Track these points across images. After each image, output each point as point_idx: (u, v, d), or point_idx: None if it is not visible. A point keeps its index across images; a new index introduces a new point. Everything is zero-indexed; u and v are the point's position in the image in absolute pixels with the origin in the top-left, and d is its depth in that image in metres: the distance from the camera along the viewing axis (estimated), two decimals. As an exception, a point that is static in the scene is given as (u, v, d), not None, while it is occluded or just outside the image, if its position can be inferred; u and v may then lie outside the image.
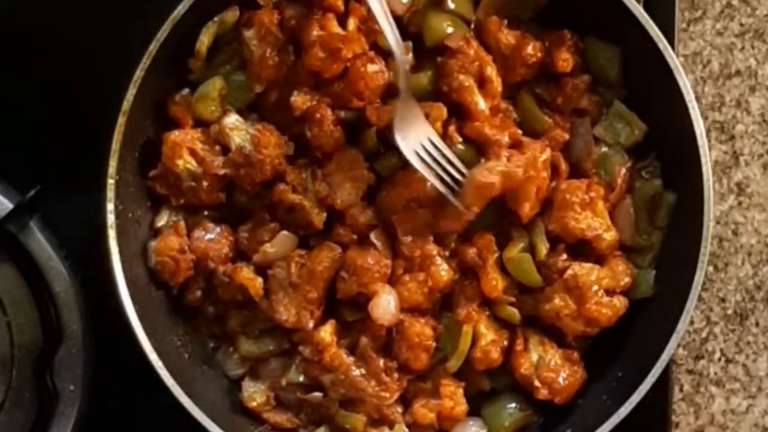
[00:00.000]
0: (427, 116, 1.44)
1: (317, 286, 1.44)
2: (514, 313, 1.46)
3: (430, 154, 1.43)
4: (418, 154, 1.42)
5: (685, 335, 1.55)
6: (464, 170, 1.44)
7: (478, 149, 1.45)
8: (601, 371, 1.47)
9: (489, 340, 1.44)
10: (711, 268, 1.61)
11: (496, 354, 1.44)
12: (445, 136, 1.45)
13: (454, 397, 1.45)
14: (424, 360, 1.45)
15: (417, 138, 1.43)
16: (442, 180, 1.43)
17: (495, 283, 1.44)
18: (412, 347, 1.44)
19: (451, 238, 1.46)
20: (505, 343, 1.46)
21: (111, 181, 1.39)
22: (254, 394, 1.49)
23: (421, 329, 1.44)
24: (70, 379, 1.49)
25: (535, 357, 1.46)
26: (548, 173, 1.45)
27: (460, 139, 1.45)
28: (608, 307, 1.44)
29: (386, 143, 1.45)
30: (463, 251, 1.45)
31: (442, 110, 1.44)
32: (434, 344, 1.45)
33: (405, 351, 1.45)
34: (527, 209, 1.44)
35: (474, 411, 1.47)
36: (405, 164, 1.44)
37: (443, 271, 1.44)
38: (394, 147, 1.43)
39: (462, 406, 1.45)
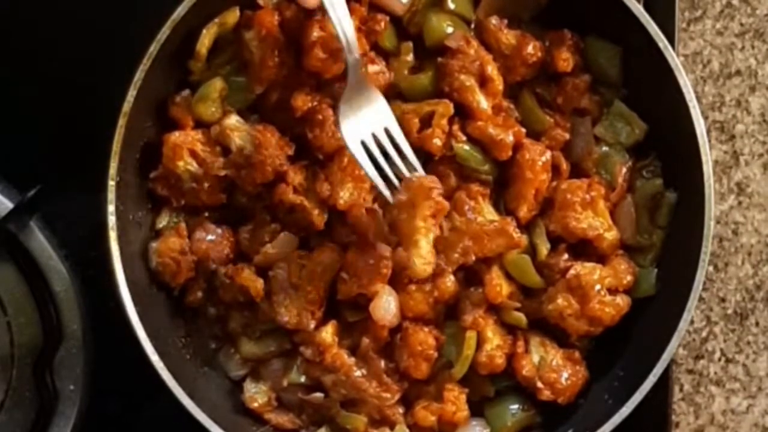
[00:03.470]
0: (432, 113, 1.44)
1: (318, 286, 1.44)
2: (521, 318, 1.46)
3: (379, 144, 1.43)
4: (364, 144, 1.42)
5: (685, 335, 1.55)
6: (417, 165, 1.44)
7: (484, 148, 1.45)
8: (602, 371, 1.47)
9: (494, 345, 1.44)
10: (711, 268, 1.61)
11: (500, 360, 1.44)
12: (449, 135, 1.45)
13: (456, 402, 1.44)
14: (425, 369, 1.45)
15: (368, 125, 1.42)
16: (383, 173, 1.43)
17: (499, 289, 1.44)
18: (414, 355, 1.44)
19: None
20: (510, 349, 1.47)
21: (112, 183, 1.39)
22: (256, 394, 1.49)
23: (424, 338, 1.44)
24: (70, 379, 1.49)
25: (536, 358, 1.46)
26: (548, 175, 1.45)
27: (464, 138, 1.45)
28: (611, 306, 1.44)
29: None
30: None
31: (448, 106, 1.44)
32: (436, 354, 1.45)
33: (406, 358, 1.45)
34: (525, 211, 1.45)
35: (476, 412, 1.48)
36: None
37: (449, 282, 1.44)
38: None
39: (464, 412, 1.45)
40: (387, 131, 1.43)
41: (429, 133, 1.43)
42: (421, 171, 1.44)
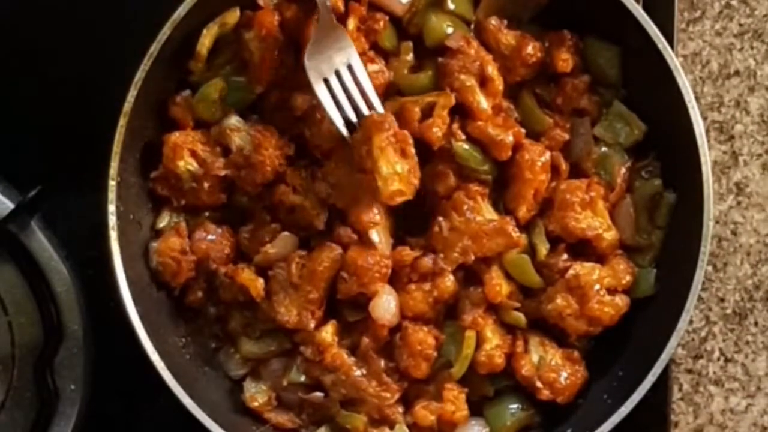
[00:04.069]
0: (433, 105, 1.44)
1: (318, 286, 1.44)
2: (520, 318, 1.46)
3: (342, 84, 1.43)
4: (327, 82, 1.43)
5: (684, 335, 1.55)
6: (377, 103, 1.44)
7: (483, 148, 1.46)
8: (601, 371, 1.47)
9: (494, 344, 1.45)
10: (710, 268, 1.61)
11: (499, 359, 1.45)
12: (449, 135, 1.45)
13: (456, 401, 1.45)
14: (425, 369, 1.45)
15: (332, 65, 1.43)
16: (345, 115, 1.44)
17: (499, 288, 1.44)
18: (414, 355, 1.44)
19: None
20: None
21: (112, 183, 1.40)
22: (256, 394, 1.49)
23: (424, 337, 1.44)
24: (70, 379, 1.49)
25: (535, 358, 1.46)
26: (547, 176, 1.45)
27: (464, 138, 1.46)
28: (610, 306, 1.44)
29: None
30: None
31: (450, 98, 1.44)
32: (435, 354, 1.45)
33: (406, 358, 1.45)
34: (524, 211, 1.45)
35: (476, 411, 1.48)
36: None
37: (449, 281, 1.45)
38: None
39: (463, 412, 1.45)
40: (351, 69, 1.44)
41: (429, 123, 1.43)
42: (380, 108, 1.44)
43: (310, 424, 1.49)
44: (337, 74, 1.43)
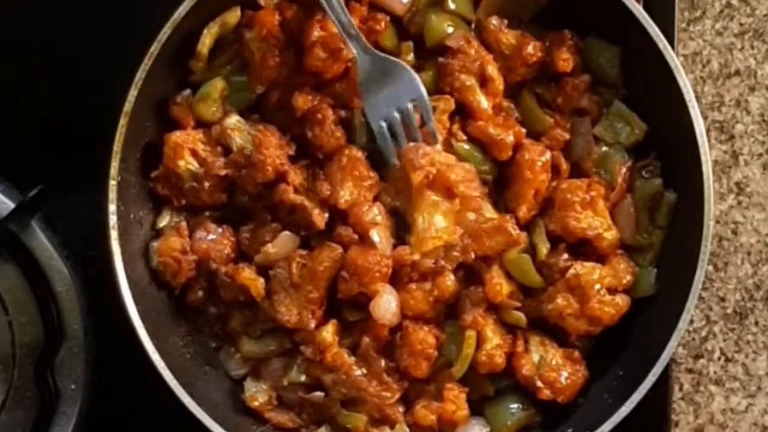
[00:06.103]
0: (434, 109, 1.44)
1: (318, 286, 1.44)
2: (520, 318, 1.46)
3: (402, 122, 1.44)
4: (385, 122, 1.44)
5: (684, 334, 1.55)
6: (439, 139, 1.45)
7: (483, 148, 1.46)
8: (602, 370, 1.48)
9: (494, 344, 1.45)
10: (711, 268, 1.61)
11: (500, 359, 1.45)
12: (449, 134, 1.45)
13: (456, 401, 1.45)
14: (425, 368, 1.45)
15: (387, 105, 1.44)
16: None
17: (499, 288, 1.44)
18: (414, 354, 1.44)
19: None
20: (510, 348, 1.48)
21: (113, 182, 1.40)
22: (256, 394, 1.49)
23: (424, 336, 1.44)
24: (71, 379, 1.50)
25: (536, 357, 1.46)
26: (548, 175, 1.46)
27: (465, 138, 1.46)
28: (611, 306, 1.44)
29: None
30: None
31: (450, 102, 1.45)
32: (436, 353, 1.45)
33: (406, 357, 1.45)
34: (525, 211, 1.45)
35: (476, 411, 1.48)
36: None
37: (449, 281, 1.45)
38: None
39: (464, 411, 1.45)
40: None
41: (430, 129, 1.44)
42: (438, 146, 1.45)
43: (311, 423, 1.49)
44: (399, 110, 1.44)
